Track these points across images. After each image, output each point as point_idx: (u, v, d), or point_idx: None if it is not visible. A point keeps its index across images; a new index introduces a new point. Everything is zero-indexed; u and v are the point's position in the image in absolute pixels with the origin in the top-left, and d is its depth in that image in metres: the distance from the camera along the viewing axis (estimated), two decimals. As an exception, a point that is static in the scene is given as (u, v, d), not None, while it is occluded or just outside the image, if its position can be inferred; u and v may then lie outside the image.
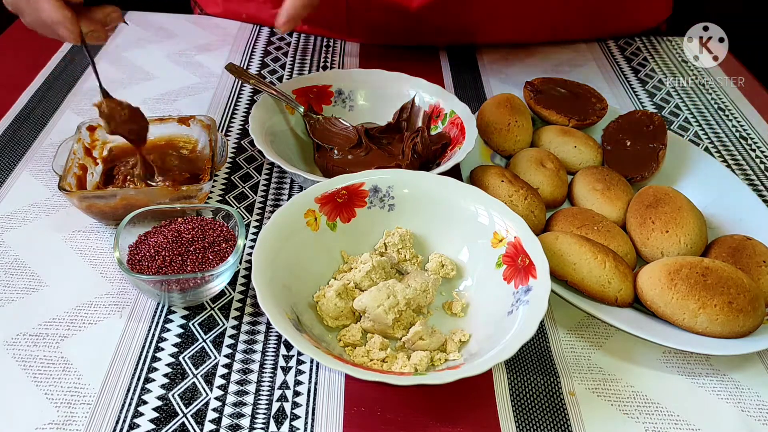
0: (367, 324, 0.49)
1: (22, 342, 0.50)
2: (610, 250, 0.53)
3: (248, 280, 0.55)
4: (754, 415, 0.48)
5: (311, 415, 0.46)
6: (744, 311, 0.48)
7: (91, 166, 0.61)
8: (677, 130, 0.78)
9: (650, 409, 0.47)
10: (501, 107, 0.68)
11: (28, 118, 0.74)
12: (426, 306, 0.52)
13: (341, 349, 0.49)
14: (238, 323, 0.52)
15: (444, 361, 0.48)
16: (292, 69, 0.85)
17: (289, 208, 0.52)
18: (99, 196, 0.56)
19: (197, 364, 0.49)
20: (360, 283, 0.51)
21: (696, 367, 0.51)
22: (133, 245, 0.52)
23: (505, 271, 0.51)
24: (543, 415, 0.47)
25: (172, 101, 0.77)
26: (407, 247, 0.54)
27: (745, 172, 0.72)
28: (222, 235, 0.53)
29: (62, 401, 0.46)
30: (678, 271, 0.50)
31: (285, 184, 0.66)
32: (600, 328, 0.53)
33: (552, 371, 0.50)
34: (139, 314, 0.52)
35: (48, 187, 0.64)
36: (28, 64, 0.82)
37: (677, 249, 0.55)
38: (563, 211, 0.59)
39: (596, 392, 0.48)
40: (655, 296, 0.50)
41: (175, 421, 0.45)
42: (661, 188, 0.60)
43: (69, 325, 0.51)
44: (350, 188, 0.55)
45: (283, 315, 0.44)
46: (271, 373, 0.48)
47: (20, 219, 0.60)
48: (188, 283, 0.49)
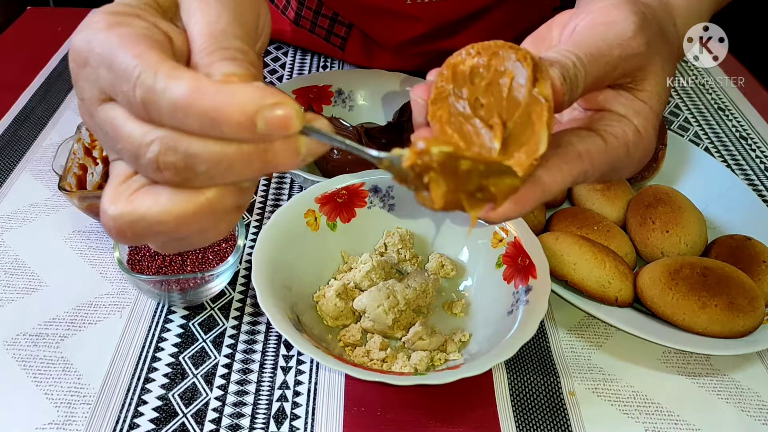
0: (367, 324, 0.49)
1: (22, 342, 0.50)
2: (610, 250, 0.53)
3: (248, 280, 0.55)
4: (754, 415, 0.48)
5: (311, 415, 0.46)
6: (744, 311, 0.48)
7: (91, 166, 0.61)
8: (677, 130, 0.78)
9: (650, 409, 0.47)
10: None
11: (28, 118, 0.74)
12: (426, 306, 0.52)
13: (341, 349, 0.49)
14: (238, 323, 0.52)
15: (444, 361, 0.48)
16: (292, 69, 0.85)
17: (289, 208, 0.52)
18: (99, 196, 0.56)
19: (197, 364, 0.49)
20: (360, 283, 0.51)
21: (696, 367, 0.51)
22: (133, 245, 0.52)
23: (505, 271, 0.51)
24: (543, 415, 0.47)
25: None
26: (407, 247, 0.54)
27: (745, 172, 0.72)
28: (222, 235, 0.53)
29: (62, 401, 0.46)
30: (678, 271, 0.50)
31: (285, 184, 0.66)
32: (600, 328, 0.53)
33: (552, 371, 0.50)
34: (139, 314, 0.52)
35: (48, 187, 0.64)
36: (28, 64, 0.82)
37: (677, 249, 0.55)
38: (563, 211, 0.59)
39: (596, 392, 0.48)
40: (655, 296, 0.50)
41: (175, 421, 0.45)
42: (661, 188, 0.60)
43: (69, 325, 0.51)
44: (350, 188, 0.55)
45: (283, 315, 0.44)
46: (271, 373, 0.48)
47: (20, 219, 0.60)
48: (188, 283, 0.49)
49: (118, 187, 0.27)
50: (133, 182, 0.27)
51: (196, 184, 0.26)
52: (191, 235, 0.28)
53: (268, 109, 0.24)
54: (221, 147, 0.25)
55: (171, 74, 0.24)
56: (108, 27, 0.26)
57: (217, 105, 0.24)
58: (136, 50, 0.25)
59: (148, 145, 0.25)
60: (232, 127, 0.24)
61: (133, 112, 0.25)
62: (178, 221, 0.26)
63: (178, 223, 0.26)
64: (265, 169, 0.26)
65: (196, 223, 0.27)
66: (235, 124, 0.24)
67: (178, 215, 0.26)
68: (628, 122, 0.33)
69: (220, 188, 0.26)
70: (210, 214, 0.27)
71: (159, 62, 0.25)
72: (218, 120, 0.24)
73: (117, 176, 0.27)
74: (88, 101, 0.27)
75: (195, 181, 0.26)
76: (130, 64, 0.25)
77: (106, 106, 0.26)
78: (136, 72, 0.24)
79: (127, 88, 0.25)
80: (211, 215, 0.27)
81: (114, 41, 0.25)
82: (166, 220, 0.26)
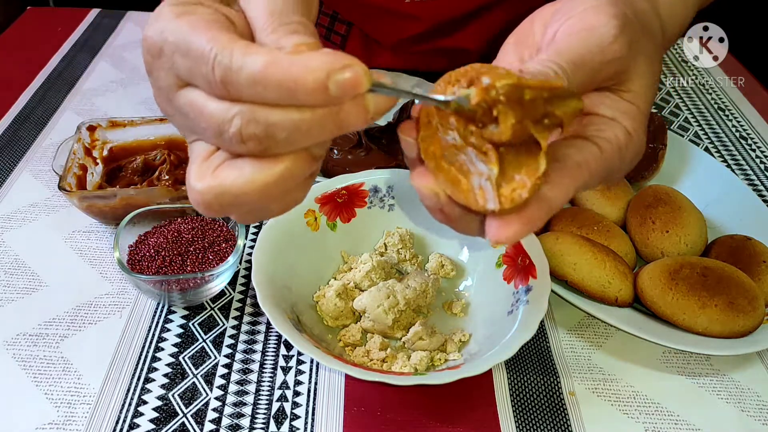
0: (367, 324, 0.49)
1: (22, 342, 0.50)
2: (610, 250, 0.53)
3: (248, 280, 0.55)
4: (754, 415, 0.48)
5: (311, 415, 0.46)
6: (744, 311, 0.48)
7: (91, 166, 0.61)
8: (677, 130, 0.78)
9: (650, 409, 0.47)
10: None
11: (28, 118, 0.74)
12: (426, 306, 0.52)
13: (341, 349, 0.49)
14: (238, 323, 0.52)
15: (444, 361, 0.48)
16: (292, 69, 0.85)
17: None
18: (99, 196, 0.56)
19: (197, 364, 0.49)
20: (360, 283, 0.51)
21: (696, 367, 0.51)
22: (133, 245, 0.52)
23: (505, 271, 0.51)
24: (543, 415, 0.47)
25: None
26: (407, 247, 0.54)
27: (745, 172, 0.72)
28: (222, 235, 0.53)
29: (62, 401, 0.46)
30: (678, 271, 0.50)
31: (285, 184, 0.66)
32: (600, 328, 0.53)
33: (552, 371, 0.50)
34: (139, 314, 0.52)
35: (48, 187, 0.64)
36: (28, 64, 0.82)
37: (677, 249, 0.55)
38: (563, 211, 0.59)
39: (596, 392, 0.48)
40: (655, 296, 0.50)
41: (175, 421, 0.45)
42: (661, 188, 0.60)
43: (69, 325, 0.51)
44: (350, 188, 0.55)
45: (283, 315, 0.44)
46: (271, 373, 0.48)
47: (20, 219, 0.60)
48: (188, 283, 0.49)
49: (201, 165, 0.29)
50: (215, 158, 0.29)
51: (277, 151, 0.27)
52: (271, 203, 0.30)
53: (338, 73, 0.25)
54: (299, 114, 0.26)
55: (246, 51, 0.26)
56: (177, 16, 0.27)
57: (291, 75, 0.25)
58: (208, 34, 0.26)
59: (231, 120, 0.26)
60: (307, 93, 0.25)
61: (213, 92, 0.27)
62: (262, 190, 0.28)
63: (261, 192, 0.28)
64: (338, 130, 0.27)
65: (277, 190, 0.28)
66: (311, 90, 0.25)
67: (261, 184, 0.28)
68: (617, 125, 0.33)
69: (296, 156, 0.28)
70: (289, 181, 0.28)
71: (231, 42, 0.26)
72: (294, 89, 0.25)
73: (199, 155, 0.29)
74: (165, 89, 0.29)
75: (276, 149, 0.27)
76: (206, 47, 0.26)
77: (184, 91, 0.28)
78: (212, 54, 0.26)
79: (206, 70, 0.26)
80: (290, 182, 0.28)
81: (185, 28, 0.27)
82: (251, 190, 0.28)
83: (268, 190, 0.28)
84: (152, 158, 0.61)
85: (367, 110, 0.27)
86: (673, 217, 0.56)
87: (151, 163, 0.61)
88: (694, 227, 0.56)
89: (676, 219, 0.56)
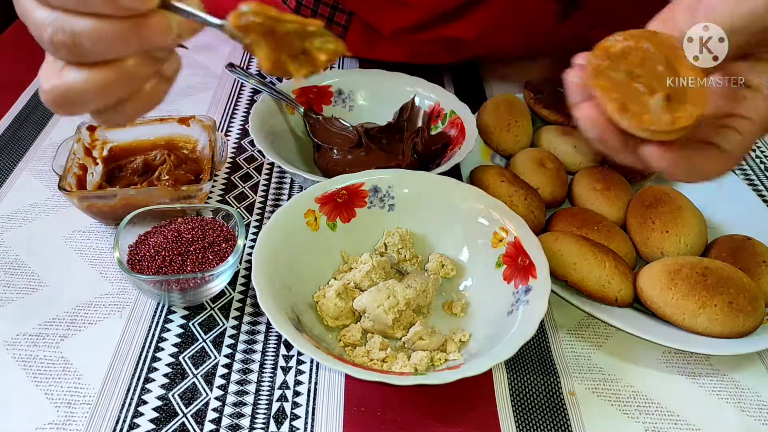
0: (367, 324, 0.49)
1: (22, 342, 0.50)
2: (610, 250, 0.53)
3: (248, 280, 0.55)
4: (754, 415, 0.48)
5: (311, 415, 0.46)
6: (744, 311, 0.48)
7: (91, 166, 0.61)
8: (677, 130, 0.78)
9: (650, 409, 0.48)
10: (501, 107, 0.68)
11: (28, 118, 0.74)
12: (426, 306, 0.52)
13: (341, 349, 0.49)
14: (238, 323, 0.52)
15: (444, 361, 0.48)
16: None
17: (289, 208, 0.52)
18: (99, 196, 0.56)
19: (197, 364, 0.49)
20: (360, 283, 0.51)
21: (696, 367, 0.51)
22: (133, 245, 0.52)
23: (505, 271, 0.51)
24: (543, 415, 0.47)
25: (172, 101, 0.77)
26: (407, 247, 0.54)
27: (745, 172, 0.72)
28: (222, 235, 0.53)
29: (62, 401, 0.46)
30: (678, 271, 0.50)
31: (285, 184, 0.66)
32: (600, 328, 0.53)
33: (552, 371, 0.50)
34: (139, 314, 0.52)
35: (48, 187, 0.64)
36: (28, 64, 0.82)
37: (677, 249, 0.55)
38: (563, 211, 0.59)
39: (596, 392, 0.48)
40: (655, 296, 0.50)
41: (175, 421, 0.45)
42: (661, 188, 0.60)
43: (69, 325, 0.51)
44: (350, 188, 0.55)
45: (283, 315, 0.44)
46: (271, 373, 0.48)
47: (20, 219, 0.60)
48: (188, 283, 0.49)
49: (49, 66, 0.31)
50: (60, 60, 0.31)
51: (90, 61, 0.30)
52: (124, 103, 0.32)
53: None
54: (100, 24, 0.28)
55: None
56: None
57: None
58: None
59: (46, 28, 0.29)
60: (96, 1, 0.27)
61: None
62: (103, 88, 0.30)
63: (102, 90, 0.30)
64: (143, 44, 0.29)
65: (118, 89, 0.31)
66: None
67: (101, 82, 0.30)
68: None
69: (133, 58, 0.30)
70: (129, 80, 0.31)
71: None
72: None
73: (49, 57, 0.31)
74: None
75: (88, 58, 0.29)
76: None
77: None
78: None
79: None
80: (131, 81, 0.31)
81: None
82: (92, 88, 0.30)
83: (109, 88, 0.30)
84: (152, 158, 0.61)
85: (170, 28, 0.29)
86: (673, 217, 0.56)
87: (151, 163, 0.61)
88: (694, 227, 0.56)
89: (676, 219, 0.56)
